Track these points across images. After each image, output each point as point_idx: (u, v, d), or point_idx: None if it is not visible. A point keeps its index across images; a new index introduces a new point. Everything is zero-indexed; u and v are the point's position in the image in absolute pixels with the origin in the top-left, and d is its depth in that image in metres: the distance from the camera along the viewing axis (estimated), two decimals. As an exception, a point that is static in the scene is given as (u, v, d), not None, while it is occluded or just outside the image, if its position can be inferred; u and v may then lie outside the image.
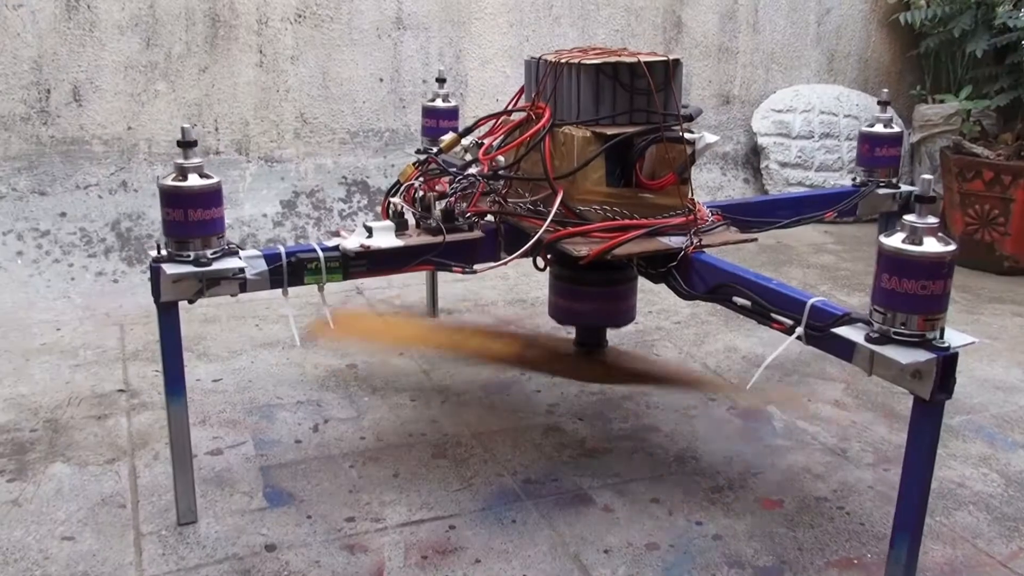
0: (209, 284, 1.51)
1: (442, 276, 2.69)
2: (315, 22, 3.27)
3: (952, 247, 1.25)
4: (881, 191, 2.19)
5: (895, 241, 1.26)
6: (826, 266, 3.30)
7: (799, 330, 1.39)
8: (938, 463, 1.84)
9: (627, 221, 1.68)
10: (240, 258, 1.54)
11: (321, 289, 1.62)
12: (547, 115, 1.74)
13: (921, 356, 1.23)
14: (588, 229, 1.66)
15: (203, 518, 1.65)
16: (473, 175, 1.76)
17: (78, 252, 2.95)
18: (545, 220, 1.67)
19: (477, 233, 1.73)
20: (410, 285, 2.90)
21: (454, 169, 1.79)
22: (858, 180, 2.24)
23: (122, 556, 1.54)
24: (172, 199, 1.49)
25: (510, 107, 1.89)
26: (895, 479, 1.45)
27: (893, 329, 1.27)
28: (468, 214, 1.74)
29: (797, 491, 1.79)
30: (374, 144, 3.45)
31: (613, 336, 2.31)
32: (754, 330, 2.56)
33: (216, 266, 1.51)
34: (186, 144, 1.50)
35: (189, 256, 1.50)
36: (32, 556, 1.53)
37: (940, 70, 4.03)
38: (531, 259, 1.82)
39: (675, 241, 1.67)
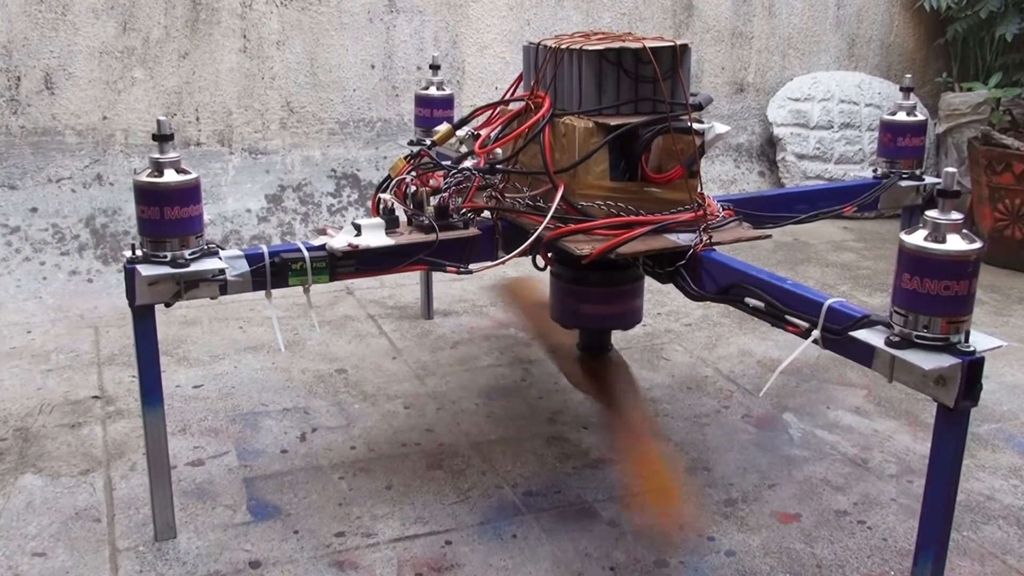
0: (187, 286, 1.51)
1: (438, 276, 2.68)
2: (302, 5, 3.27)
3: (977, 245, 1.25)
4: (904, 183, 2.18)
5: (916, 238, 1.26)
6: (846, 264, 3.30)
7: (815, 333, 1.39)
8: (965, 474, 1.85)
9: (632, 217, 1.68)
10: (220, 258, 1.54)
11: (307, 291, 1.62)
12: (547, 105, 1.74)
13: (944, 361, 1.23)
14: (591, 226, 1.66)
15: (183, 533, 1.65)
16: (468, 169, 1.76)
17: (50, 250, 2.95)
18: (545, 216, 1.66)
19: (473, 231, 1.72)
20: (404, 285, 2.90)
21: (448, 163, 1.79)
22: (879, 172, 2.23)
23: (97, 573, 1.54)
24: (147, 196, 1.50)
25: (507, 96, 1.89)
26: (919, 491, 1.45)
27: (915, 332, 1.26)
28: (463, 210, 1.74)
29: (815, 504, 1.79)
30: (365, 135, 3.45)
31: (619, 339, 2.30)
32: (769, 333, 2.56)
33: (194, 267, 1.51)
34: (162, 138, 1.50)
35: (166, 257, 1.50)
36: (1, 573, 1.53)
37: (968, 56, 4.02)
38: (530, 258, 1.81)
39: (683, 238, 1.67)
